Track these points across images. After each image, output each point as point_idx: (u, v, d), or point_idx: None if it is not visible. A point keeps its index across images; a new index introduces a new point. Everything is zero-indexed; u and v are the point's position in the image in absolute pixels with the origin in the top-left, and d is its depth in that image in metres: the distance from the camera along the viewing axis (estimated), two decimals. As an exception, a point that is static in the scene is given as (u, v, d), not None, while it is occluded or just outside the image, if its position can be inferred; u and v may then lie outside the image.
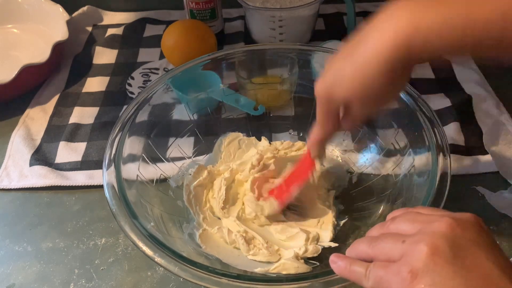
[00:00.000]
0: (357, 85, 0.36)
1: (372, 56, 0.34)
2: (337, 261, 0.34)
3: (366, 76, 0.35)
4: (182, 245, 0.46)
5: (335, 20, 0.87)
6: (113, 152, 0.47)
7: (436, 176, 0.43)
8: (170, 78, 0.55)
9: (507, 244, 0.50)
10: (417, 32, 0.32)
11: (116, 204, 0.43)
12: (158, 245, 0.39)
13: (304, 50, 0.60)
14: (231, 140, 0.60)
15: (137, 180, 0.49)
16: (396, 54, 0.33)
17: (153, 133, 0.55)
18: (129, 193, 0.44)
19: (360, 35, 0.36)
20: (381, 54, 0.34)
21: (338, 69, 0.37)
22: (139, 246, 0.39)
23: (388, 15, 0.34)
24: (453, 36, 0.32)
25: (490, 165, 0.58)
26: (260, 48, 0.63)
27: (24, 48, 0.81)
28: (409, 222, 0.33)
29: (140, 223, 0.41)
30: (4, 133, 0.66)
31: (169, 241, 0.42)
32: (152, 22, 0.89)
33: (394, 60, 0.34)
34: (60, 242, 0.53)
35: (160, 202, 0.50)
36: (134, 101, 0.53)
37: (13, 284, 0.49)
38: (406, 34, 0.32)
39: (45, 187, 0.59)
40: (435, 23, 0.32)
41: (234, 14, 0.89)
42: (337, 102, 0.40)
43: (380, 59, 0.34)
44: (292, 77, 0.62)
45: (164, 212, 0.49)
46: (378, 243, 0.33)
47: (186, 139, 0.59)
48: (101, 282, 0.49)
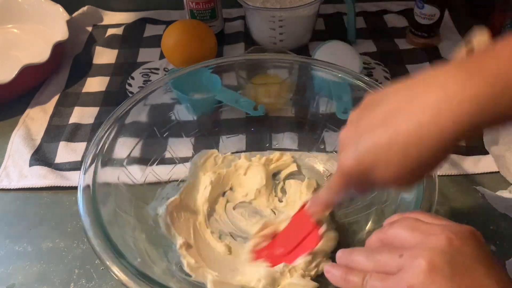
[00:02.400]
0: (406, 171, 0.31)
1: (429, 142, 0.30)
2: (331, 271, 0.34)
3: (420, 162, 0.31)
4: (164, 272, 0.44)
5: (335, 20, 0.87)
6: (97, 151, 0.46)
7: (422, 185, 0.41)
8: (171, 79, 0.55)
9: (507, 244, 0.50)
10: (481, 113, 0.28)
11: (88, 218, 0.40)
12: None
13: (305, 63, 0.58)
14: (207, 157, 0.58)
15: (118, 184, 0.48)
16: (460, 135, 0.29)
17: (147, 134, 0.54)
18: (104, 205, 0.42)
19: (398, 103, 0.31)
20: (440, 138, 0.29)
21: (377, 147, 0.31)
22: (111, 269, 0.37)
23: (437, 87, 0.30)
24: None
25: (490, 165, 0.58)
26: (261, 58, 0.62)
27: (24, 48, 0.81)
28: (408, 229, 0.32)
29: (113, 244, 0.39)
30: (4, 133, 0.66)
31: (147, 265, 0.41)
32: (152, 22, 0.89)
33: (456, 141, 0.30)
34: (60, 242, 0.53)
35: (143, 221, 0.49)
36: (129, 100, 0.51)
37: (13, 284, 0.49)
38: (468, 115, 0.28)
39: (45, 187, 0.59)
40: (490, 95, 0.28)
41: (234, 14, 0.89)
42: (370, 182, 0.34)
43: (440, 145, 0.30)
44: (292, 77, 0.62)
45: (146, 236, 0.47)
46: (374, 254, 0.32)
47: (185, 140, 0.59)
48: (101, 282, 0.49)
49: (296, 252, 0.46)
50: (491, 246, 0.50)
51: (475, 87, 0.28)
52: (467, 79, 0.29)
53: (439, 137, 0.29)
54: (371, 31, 0.84)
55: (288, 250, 0.47)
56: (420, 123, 0.29)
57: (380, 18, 0.88)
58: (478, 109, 0.28)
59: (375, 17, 0.88)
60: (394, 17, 0.88)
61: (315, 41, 0.81)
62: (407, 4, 0.89)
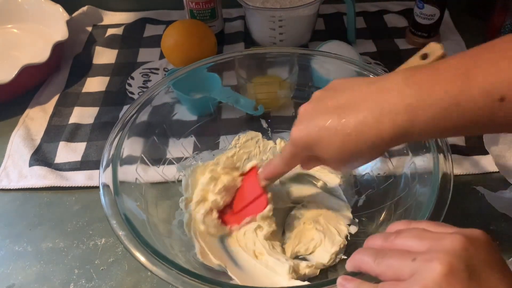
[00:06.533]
0: (342, 157, 0.36)
1: (367, 139, 0.34)
2: (345, 284, 0.33)
3: (356, 152, 0.35)
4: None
5: (335, 20, 0.87)
6: (111, 152, 0.47)
7: (438, 177, 0.42)
8: (173, 80, 0.55)
9: (507, 244, 0.50)
10: (412, 126, 0.33)
11: (109, 205, 0.42)
12: (151, 252, 0.38)
13: (304, 54, 0.59)
14: (251, 137, 0.61)
15: (136, 182, 0.48)
16: (393, 140, 0.34)
17: (154, 134, 0.54)
18: (125, 195, 0.44)
19: (354, 97, 0.36)
20: (377, 138, 0.34)
21: (324, 129, 0.36)
22: (132, 252, 0.38)
23: (384, 91, 0.34)
24: (448, 124, 0.32)
25: (490, 165, 0.58)
26: (261, 52, 0.62)
27: (24, 48, 0.81)
28: (416, 238, 0.31)
29: (135, 230, 0.40)
30: (4, 133, 0.66)
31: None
32: (152, 22, 0.89)
33: (390, 144, 0.35)
34: (60, 242, 0.53)
35: (157, 205, 0.50)
36: (136, 102, 0.52)
37: (13, 284, 0.49)
38: (404, 122, 0.33)
39: (45, 187, 0.58)
40: (430, 115, 0.32)
41: (234, 14, 0.89)
42: (312, 155, 0.39)
43: (375, 143, 0.34)
44: (292, 77, 0.62)
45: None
46: (385, 259, 0.30)
47: (187, 140, 0.59)
48: (101, 282, 0.49)
49: (244, 213, 0.48)
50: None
51: (409, 100, 0.32)
52: (407, 91, 0.33)
53: (377, 136, 0.34)
54: (371, 31, 0.84)
55: (237, 210, 0.49)
56: (364, 121, 0.34)
57: (380, 18, 0.88)
58: (409, 121, 0.32)
59: (375, 17, 0.88)
60: (394, 17, 0.88)
61: (315, 41, 0.81)
62: (407, 4, 0.89)
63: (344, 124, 0.35)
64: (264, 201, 0.47)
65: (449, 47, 0.78)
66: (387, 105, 0.33)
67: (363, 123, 0.34)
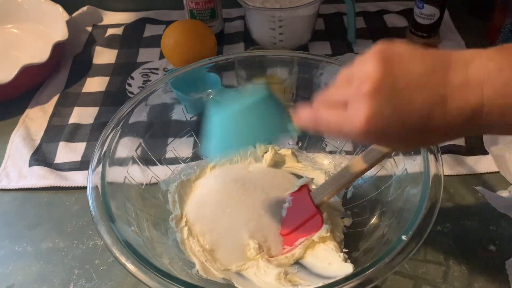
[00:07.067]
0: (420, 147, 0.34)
1: (439, 126, 0.29)
2: None
3: (419, 139, 0.31)
4: (164, 251, 0.45)
5: (335, 20, 0.87)
6: (103, 151, 0.46)
7: (429, 179, 0.41)
8: (171, 79, 0.55)
9: (507, 244, 0.50)
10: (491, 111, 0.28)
11: (97, 207, 0.41)
12: (132, 254, 0.38)
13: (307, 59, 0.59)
14: None
15: (125, 182, 0.48)
16: (466, 129, 0.30)
17: (149, 133, 0.54)
18: (113, 196, 0.43)
19: (418, 74, 0.29)
20: (449, 129, 0.30)
21: (387, 124, 0.29)
22: (113, 252, 0.39)
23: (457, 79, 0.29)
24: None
25: (490, 165, 0.58)
26: (261, 54, 0.62)
27: (24, 48, 0.81)
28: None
29: (117, 228, 0.40)
30: (4, 133, 0.66)
31: (148, 246, 0.42)
32: (152, 22, 0.89)
33: (461, 133, 0.31)
34: (60, 242, 0.53)
35: (148, 205, 0.49)
36: (131, 100, 0.52)
37: (13, 284, 0.49)
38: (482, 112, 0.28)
39: (45, 187, 0.58)
40: None
41: (234, 14, 0.89)
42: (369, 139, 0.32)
43: (466, 114, 0.29)
44: (292, 77, 0.62)
45: (150, 216, 0.48)
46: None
47: (184, 140, 0.59)
48: (101, 282, 0.49)
49: (296, 235, 0.46)
50: (491, 246, 0.50)
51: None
52: None
53: (448, 127, 0.29)
54: (371, 31, 0.84)
55: (288, 231, 0.47)
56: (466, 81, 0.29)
57: (380, 18, 0.88)
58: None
59: (375, 17, 0.88)
60: (394, 17, 0.88)
61: (315, 41, 0.81)
62: (407, 4, 0.89)
63: (402, 108, 0.29)
64: (318, 221, 0.45)
65: (449, 47, 0.78)
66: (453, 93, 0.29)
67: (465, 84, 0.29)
